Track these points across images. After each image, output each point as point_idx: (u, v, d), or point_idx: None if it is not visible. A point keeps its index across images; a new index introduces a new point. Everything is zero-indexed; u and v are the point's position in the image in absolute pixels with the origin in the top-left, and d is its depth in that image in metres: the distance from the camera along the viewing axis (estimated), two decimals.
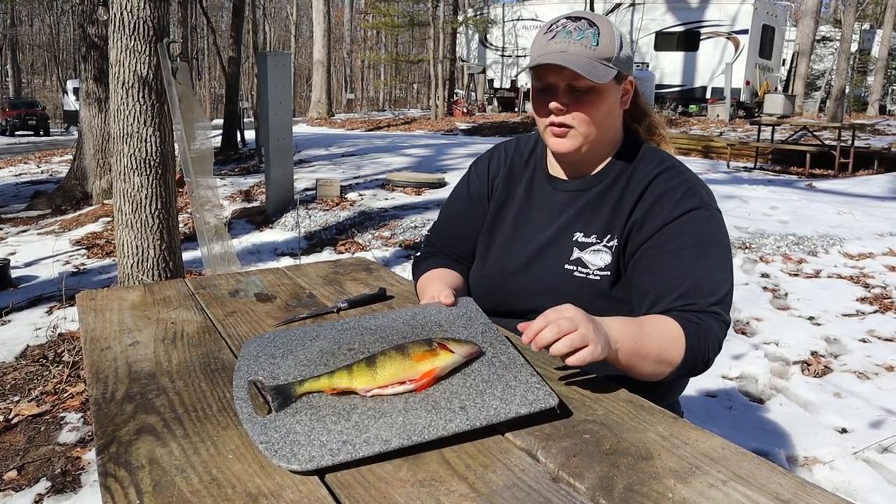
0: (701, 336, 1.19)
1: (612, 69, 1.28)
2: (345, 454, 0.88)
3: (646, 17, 19.72)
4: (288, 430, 0.93)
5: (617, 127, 1.39)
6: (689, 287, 1.24)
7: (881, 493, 2.44)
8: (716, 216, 1.31)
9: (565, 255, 1.35)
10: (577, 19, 1.29)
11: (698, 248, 1.26)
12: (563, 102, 1.29)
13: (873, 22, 30.28)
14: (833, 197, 7.44)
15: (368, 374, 1.01)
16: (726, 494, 0.83)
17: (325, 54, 23.85)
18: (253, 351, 1.19)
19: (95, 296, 1.63)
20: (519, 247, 1.42)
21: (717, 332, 1.22)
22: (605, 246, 1.33)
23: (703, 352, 1.19)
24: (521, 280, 1.40)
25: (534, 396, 1.00)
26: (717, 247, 1.28)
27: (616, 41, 1.29)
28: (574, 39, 1.26)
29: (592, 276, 1.33)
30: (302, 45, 44.15)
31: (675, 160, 1.39)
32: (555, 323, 1.01)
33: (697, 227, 1.28)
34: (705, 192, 1.34)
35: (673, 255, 1.27)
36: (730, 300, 1.27)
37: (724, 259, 1.28)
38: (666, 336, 1.18)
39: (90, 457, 2.73)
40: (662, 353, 1.17)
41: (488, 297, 1.43)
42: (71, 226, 7.89)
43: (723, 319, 1.24)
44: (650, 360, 1.16)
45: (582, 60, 1.25)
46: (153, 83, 3.98)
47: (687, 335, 1.18)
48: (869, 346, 3.74)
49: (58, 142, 23.78)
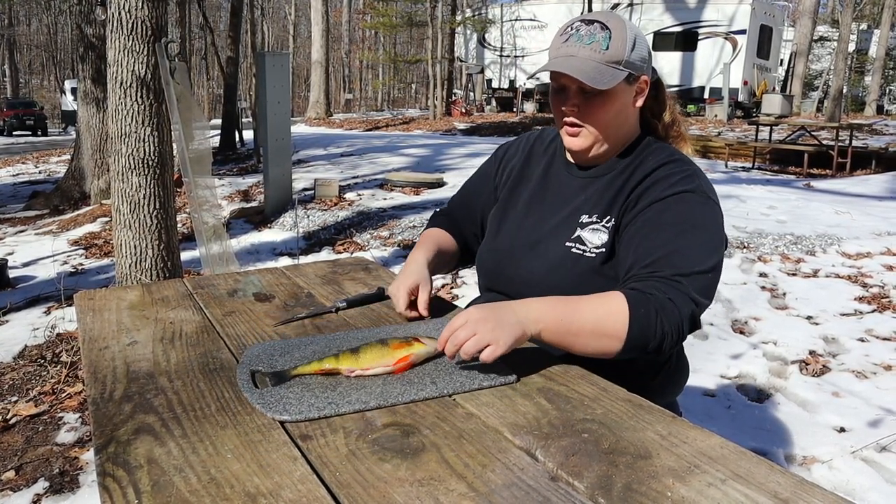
0: (651, 308, 1.16)
1: (621, 72, 1.32)
2: (329, 410, 1.03)
3: (644, 17, 19.73)
4: (281, 396, 1.07)
5: (631, 123, 1.42)
6: (660, 257, 1.23)
7: (879, 492, 2.44)
8: (710, 204, 1.31)
9: (569, 234, 1.39)
10: (591, 22, 1.33)
11: (680, 226, 1.26)
12: (574, 104, 1.35)
13: (871, 22, 30.32)
14: (831, 196, 7.45)
15: (352, 358, 1.16)
16: (725, 493, 0.83)
17: (323, 54, 23.84)
18: (255, 352, 1.26)
19: (93, 296, 1.63)
20: (530, 225, 1.47)
21: (678, 304, 1.17)
22: (603, 226, 1.36)
23: (653, 324, 1.15)
24: (527, 257, 1.44)
25: (495, 374, 1.15)
26: (703, 230, 1.27)
27: (628, 43, 1.32)
28: (585, 44, 1.31)
29: (589, 254, 1.36)
30: (300, 45, 44.14)
31: (684, 156, 1.40)
32: (454, 334, 1.12)
33: (687, 206, 1.29)
34: (706, 183, 1.34)
35: (654, 227, 1.28)
36: (704, 282, 1.23)
37: (706, 242, 1.26)
38: (602, 308, 1.17)
39: (88, 457, 2.72)
40: (599, 326, 1.16)
41: (494, 272, 1.51)
42: (69, 226, 7.89)
43: (686, 292, 1.19)
44: (587, 335, 1.17)
45: (588, 66, 1.30)
46: (151, 83, 3.98)
47: (631, 306, 1.15)
48: (867, 345, 3.75)
49: (55, 142, 23.76)
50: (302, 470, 0.88)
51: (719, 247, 1.28)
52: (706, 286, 1.23)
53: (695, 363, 3.52)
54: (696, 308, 1.20)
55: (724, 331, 4.00)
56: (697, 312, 1.21)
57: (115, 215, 4.11)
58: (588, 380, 1.15)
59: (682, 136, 1.50)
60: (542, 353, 1.24)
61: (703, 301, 1.22)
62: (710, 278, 1.24)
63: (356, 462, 0.90)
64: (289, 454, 0.92)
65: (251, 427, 0.99)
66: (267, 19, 36.74)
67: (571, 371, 1.19)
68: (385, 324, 1.44)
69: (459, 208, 1.70)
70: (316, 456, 0.91)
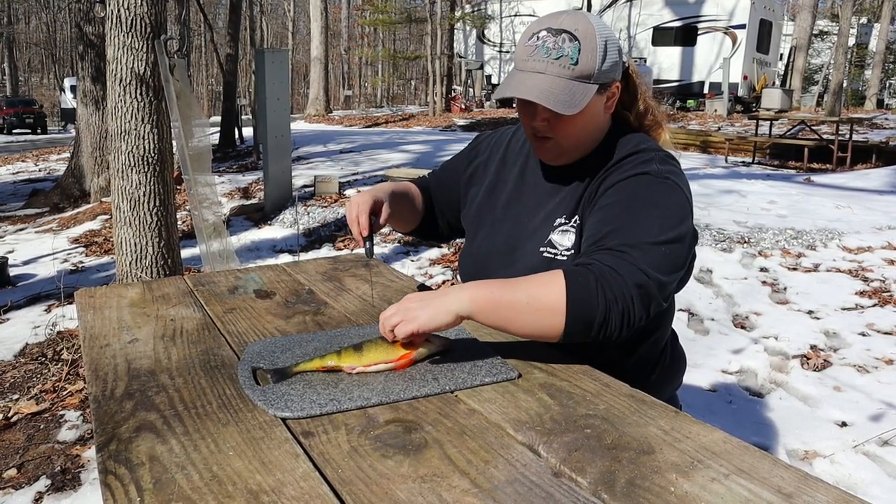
0: (589, 276, 1.10)
1: (591, 86, 1.26)
2: (331, 407, 1.02)
3: (643, 12, 19.69)
4: (283, 393, 1.07)
5: (601, 125, 1.37)
6: (607, 233, 1.19)
7: (881, 486, 2.44)
8: (666, 183, 1.25)
9: (543, 238, 1.38)
10: (559, 32, 1.26)
11: (628, 203, 1.23)
12: (543, 118, 1.31)
13: (871, 16, 30.27)
14: (831, 191, 7.44)
15: (355, 355, 1.16)
16: (728, 488, 0.82)
17: (322, 51, 23.81)
18: (256, 348, 1.26)
19: (94, 293, 1.63)
20: (507, 231, 1.45)
21: (620, 273, 1.11)
22: (571, 226, 1.35)
23: (593, 292, 1.08)
24: (504, 263, 1.42)
25: (497, 371, 1.15)
26: (654, 206, 1.22)
27: (598, 53, 1.25)
28: (552, 59, 1.25)
29: (560, 257, 1.34)
30: (299, 42, 44.08)
31: (651, 143, 1.36)
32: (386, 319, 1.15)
33: (639, 186, 1.25)
34: (666, 167, 1.29)
35: (604, 209, 1.25)
36: (656, 254, 1.15)
37: (658, 217, 1.20)
38: (537, 282, 1.13)
39: (90, 454, 2.73)
40: (535, 299, 1.11)
41: (475, 277, 1.47)
42: (69, 224, 7.88)
43: (632, 261, 1.12)
44: (523, 311, 1.12)
45: (557, 86, 1.24)
46: (151, 80, 3.97)
47: (568, 277, 1.10)
48: (868, 339, 3.75)
49: (55, 140, 23.74)
50: (304, 467, 0.88)
51: (677, 224, 1.20)
52: (659, 259, 1.14)
53: (696, 358, 3.52)
54: (644, 278, 1.11)
55: (724, 326, 4.00)
56: (650, 284, 1.11)
57: (115, 213, 4.11)
58: (590, 375, 1.15)
59: (657, 123, 1.45)
60: (545, 348, 1.24)
61: (656, 274, 1.13)
62: (663, 252, 1.15)
63: (358, 459, 0.90)
64: (291, 451, 0.92)
65: (253, 424, 0.99)
66: (266, 16, 36.65)
67: (574, 366, 1.18)
68: None
69: (434, 183, 1.68)
70: (318, 453, 0.91)
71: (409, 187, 1.62)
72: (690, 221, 1.27)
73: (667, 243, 1.17)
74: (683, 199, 1.26)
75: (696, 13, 19.01)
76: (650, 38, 19.70)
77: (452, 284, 4.73)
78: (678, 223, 1.21)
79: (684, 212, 1.25)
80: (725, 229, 5.72)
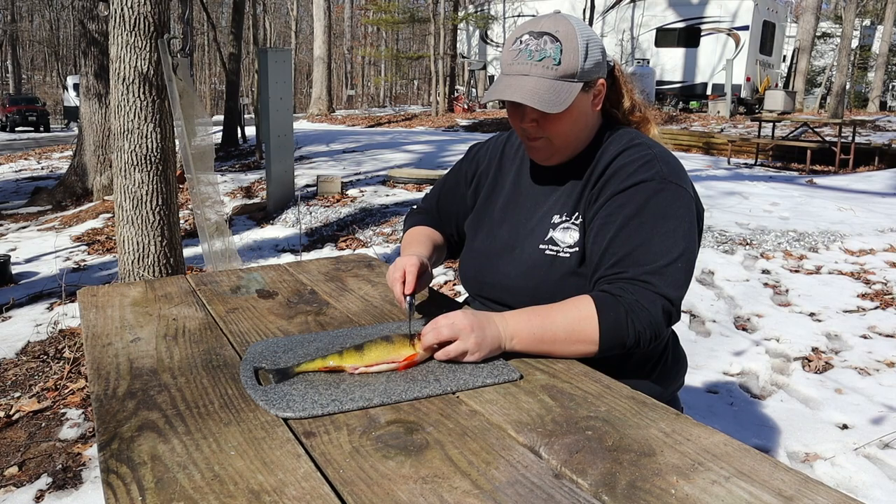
0: (620, 310, 1.19)
1: (575, 85, 1.30)
2: (333, 407, 1.03)
3: (646, 13, 19.67)
4: (285, 393, 1.07)
5: (591, 123, 1.40)
6: (624, 255, 1.25)
7: (882, 489, 2.44)
8: (670, 189, 1.29)
9: (542, 236, 1.40)
10: (540, 35, 1.30)
11: (640, 218, 1.27)
12: (532, 119, 1.35)
13: (874, 18, 30.22)
14: (834, 193, 7.43)
15: (357, 355, 1.16)
16: (729, 491, 0.82)
17: (325, 50, 23.81)
18: (258, 348, 1.26)
19: (96, 292, 1.63)
20: (506, 232, 1.47)
21: (647, 305, 1.20)
22: (573, 223, 1.37)
23: (623, 325, 1.18)
24: (504, 263, 1.44)
25: (499, 372, 1.15)
26: (664, 219, 1.27)
27: (580, 53, 1.29)
28: (535, 61, 1.29)
29: (563, 254, 1.36)
30: (302, 42, 44.08)
31: (644, 138, 1.39)
32: (437, 330, 1.16)
33: (644, 197, 1.28)
34: (666, 166, 1.32)
35: (614, 224, 1.28)
36: (674, 273, 1.23)
37: (670, 231, 1.26)
38: (573, 315, 1.21)
39: (91, 453, 2.73)
40: (573, 334, 1.20)
41: (475, 279, 1.52)
42: (71, 222, 7.89)
43: (655, 291, 1.21)
44: (562, 343, 1.21)
45: (542, 86, 1.28)
46: (154, 79, 3.98)
47: (599, 311, 1.19)
48: (870, 341, 3.74)
49: (58, 138, 23.76)
50: (306, 467, 0.88)
51: (687, 232, 1.27)
52: (677, 277, 1.24)
53: (697, 360, 3.52)
54: (668, 303, 1.22)
55: (726, 328, 3.99)
56: (671, 306, 1.22)
57: (117, 211, 4.11)
58: (592, 377, 1.15)
59: (645, 119, 1.48)
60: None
61: (676, 293, 1.23)
62: (679, 268, 1.24)
63: (360, 459, 0.90)
64: (292, 451, 0.92)
65: (255, 424, 0.99)
66: (269, 15, 36.65)
67: (575, 368, 1.19)
68: (388, 321, 1.44)
69: (436, 207, 1.69)
70: (320, 453, 0.91)
71: (431, 235, 1.64)
72: (695, 214, 1.32)
73: (682, 255, 1.25)
74: (688, 199, 1.31)
75: (699, 14, 18.99)
76: (653, 40, 19.69)
77: (454, 284, 4.74)
78: (687, 230, 1.28)
79: (691, 214, 1.30)
80: (728, 231, 5.72)
